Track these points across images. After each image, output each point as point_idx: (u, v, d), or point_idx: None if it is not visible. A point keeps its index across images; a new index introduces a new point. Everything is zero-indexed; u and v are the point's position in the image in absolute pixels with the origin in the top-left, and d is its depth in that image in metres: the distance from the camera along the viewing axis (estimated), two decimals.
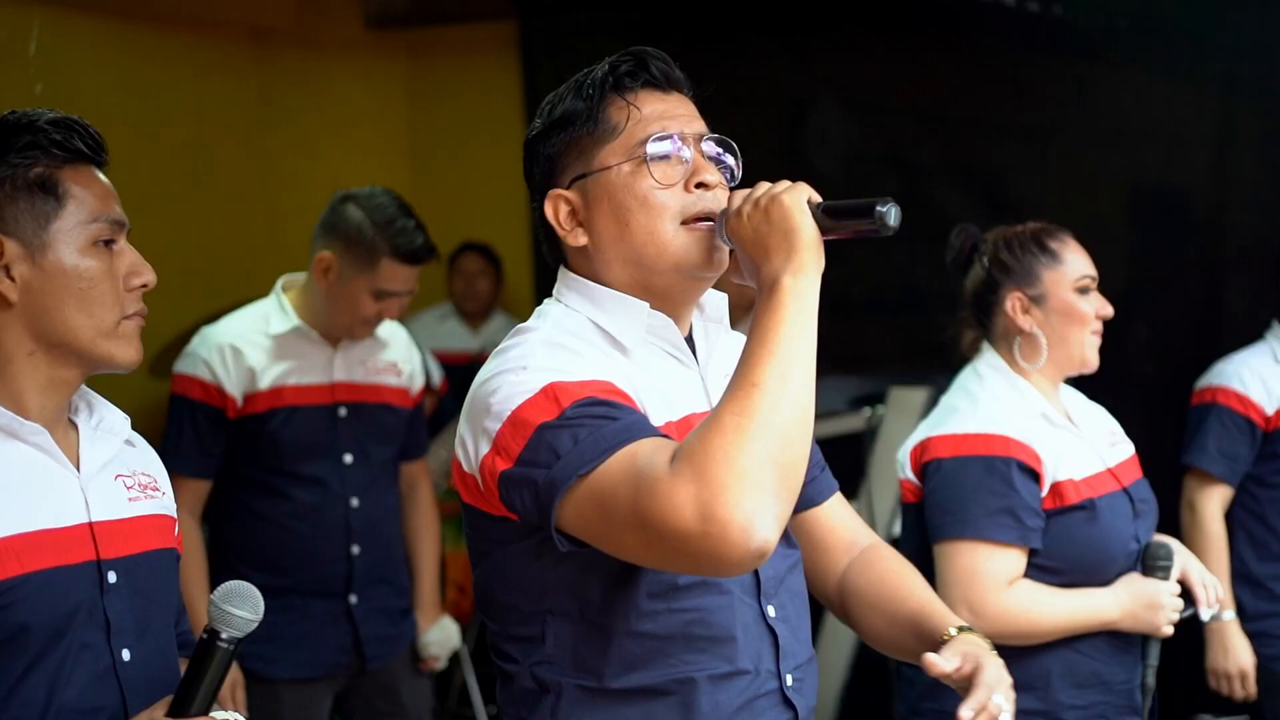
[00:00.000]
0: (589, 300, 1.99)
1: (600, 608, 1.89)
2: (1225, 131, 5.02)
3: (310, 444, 3.56)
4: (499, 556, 1.94)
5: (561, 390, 1.80)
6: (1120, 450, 2.98)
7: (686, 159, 1.96)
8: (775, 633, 1.98)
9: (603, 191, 1.96)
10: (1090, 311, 2.90)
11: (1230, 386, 3.76)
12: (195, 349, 3.56)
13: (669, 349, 2.00)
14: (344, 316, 3.54)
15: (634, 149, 1.95)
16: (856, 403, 4.66)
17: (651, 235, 1.94)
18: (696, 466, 1.65)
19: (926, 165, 5.77)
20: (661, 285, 1.97)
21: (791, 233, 1.81)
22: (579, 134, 1.98)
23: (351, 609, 3.61)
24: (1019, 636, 2.71)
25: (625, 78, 1.99)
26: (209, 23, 6.09)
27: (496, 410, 1.83)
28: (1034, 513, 2.75)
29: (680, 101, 2.02)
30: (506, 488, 1.82)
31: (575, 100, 1.99)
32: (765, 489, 1.65)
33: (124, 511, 1.99)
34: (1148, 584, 2.79)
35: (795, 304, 1.78)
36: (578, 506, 1.75)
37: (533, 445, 1.78)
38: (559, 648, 1.91)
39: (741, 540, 1.63)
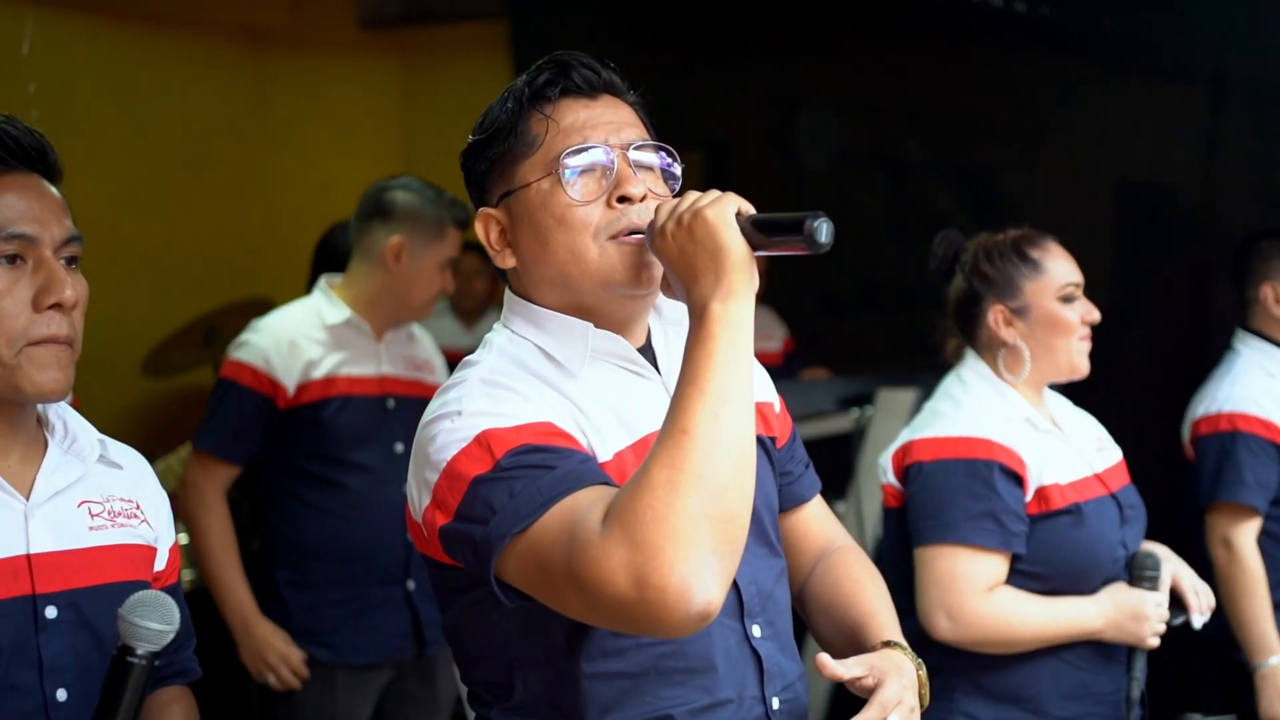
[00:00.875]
0: (533, 324, 1.84)
1: (564, 652, 1.75)
2: (1212, 131, 5.00)
3: (364, 433, 3.56)
4: (460, 605, 1.81)
5: (494, 438, 1.67)
6: (1108, 456, 2.91)
7: (611, 170, 1.79)
8: (759, 654, 1.84)
9: (524, 210, 1.81)
10: (1075, 319, 2.81)
11: (1250, 413, 3.57)
12: (253, 339, 3.55)
13: (623, 364, 1.84)
14: (420, 295, 3.57)
15: (551, 164, 1.79)
16: (845, 403, 4.61)
17: (572, 254, 1.78)
18: (626, 528, 1.52)
19: (916, 164, 5.77)
20: (591, 304, 1.81)
21: (719, 252, 1.64)
22: (502, 149, 1.83)
23: (410, 594, 3.59)
24: (997, 644, 2.65)
25: (545, 87, 1.83)
26: (204, 22, 6.07)
27: (434, 460, 1.71)
28: (1017, 517, 2.67)
29: (608, 108, 1.84)
30: (448, 543, 1.70)
31: (499, 113, 1.84)
32: (702, 547, 1.52)
33: (80, 541, 1.84)
34: (1133, 594, 2.71)
35: (726, 333, 1.61)
36: (517, 563, 1.63)
37: (468, 500, 1.65)
38: (529, 694, 1.79)
39: (680, 605, 1.51)
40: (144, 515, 1.96)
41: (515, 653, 1.78)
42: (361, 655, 3.55)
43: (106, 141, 5.69)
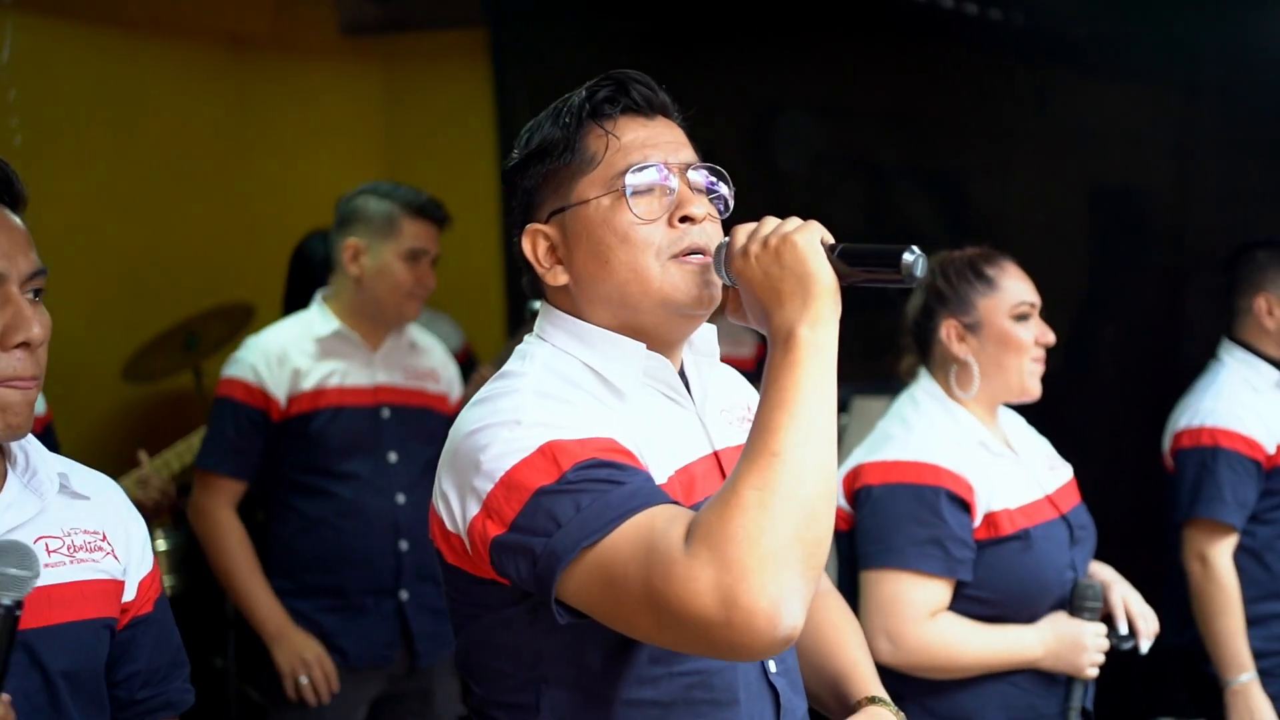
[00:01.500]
0: (580, 340, 1.80)
1: (600, 675, 1.72)
2: (1185, 137, 5.00)
3: (354, 442, 3.57)
4: (488, 621, 1.75)
5: (560, 450, 1.62)
6: (1059, 475, 2.88)
7: (671, 190, 1.78)
8: (776, 689, 1.83)
9: (581, 227, 1.78)
10: (1028, 339, 2.79)
11: (1232, 429, 3.57)
12: (242, 355, 3.59)
13: (666, 391, 1.83)
14: (389, 296, 3.57)
15: (613, 180, 1.77)
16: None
17: (635, 272, 1.75)
18: (715, 548, 1.48)
19: (891, 169, 5.76)
20: (649, 324, 1.78)
21: (807, 278, 1.62)
22: (556, 165, 1.80)
23: (402, 605, 3.59)
24: (937, 670, 2.63)
25: (604, 104, 1.81)
26: (186, 28, 6.05)
27: (488, 469, 1.64)
28: (962, 544, 2.64)
29: (665, 128, 1.84)
30: (499, 554, 1.63)
31: (553, 129, 1.81)
32: (791, 570, 1.48)
33: None
34: (1073, 625, 2.69)
35: (813, 359, 1.59)
36: (581, 580, 1.57)
37: (529, 511, 1.60)
38: (555, 717, 1.74)
39: (768, 628, 1.47)
40: (110, 547, 1.90)
41: (546, 672, 1.74)
42: (352, 657, 3.53)
43: (87, 147, 5.65)
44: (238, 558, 3.50)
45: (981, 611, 2.68)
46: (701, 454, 1.83)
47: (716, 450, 1.86)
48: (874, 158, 5.83)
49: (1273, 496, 3.58)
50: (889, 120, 5.79)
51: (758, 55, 5.84)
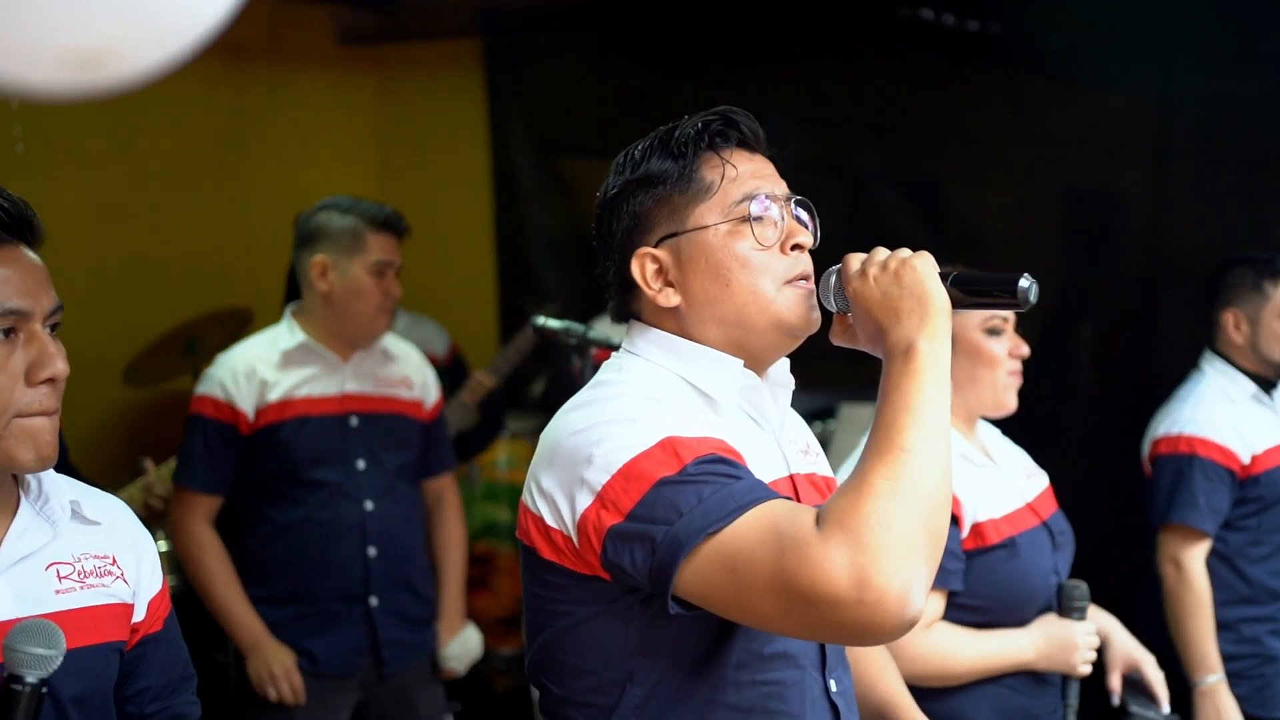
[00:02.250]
0: (676, 356, 1.84)
1: (689, 675, 1.75)
2: (1159, 144, 5.01)
3: (322, 451, 3.53)
4: (579, 617, 1.76)
5: (681, 445, 1.66)
6: (1036, 483, 2.89)
7: (779, 221, 1.84)
8: (836, 707, 1.86)
9: (698, 251, 1.82)
10: (1001, 353, 2.78)
11: (1209, 438, 3.60)
12: (211, 371, 3.56)
13: (751, 411, 1.88)
14: (359, 311, 3.53)
15: (731, 208, 1.82)
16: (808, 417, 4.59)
17: (755, 295, 1.81)
18: (850, 531, 1.52)
19: (871, 175, 5.77)
20: (758, 344, 1.84)
21: (925, 298, 1.69)
22: (670, 192, 1.84)
23: (371, 611, 3.55)
24: (936, 678, 2.64)
25: (718, 137, 1.86)
26: None
27: (602, 462, 1.67)
28: (953, 555, 2.64)
29: (765, 162, 1.90)
30: (615, 544, 1.65)
31: (664, 158, 1.85)
32: (919, 557, 1.53)
33: (44, 606, 1.79)
34: (1063, 626, 2.70)
35: (934, 369, 1.66)
36: (701, 567, 1.60)
37: (650, 500, 1.63)
38: (639, 717, 1.76)
39: (898, 609, 1.51)
40: (120, 570, 1.91)
41: (633, 671, 1.75)
42: (323, 665, 3.50)
43: (88, 154, 5.64)
44: (215, 572, 3.46)
45: (972, 619, 2.69)
46: (779, 475, 1.86)
47: (793, 474, 1.91)
48: (855, 164, 5.84)
49: (1246, 505, 3.60)
50: (869, 128, 5.80)
51: (743, 65, 5.84)
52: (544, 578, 1.78)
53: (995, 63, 5.39)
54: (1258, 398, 3.68)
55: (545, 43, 6.23)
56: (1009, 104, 5.40)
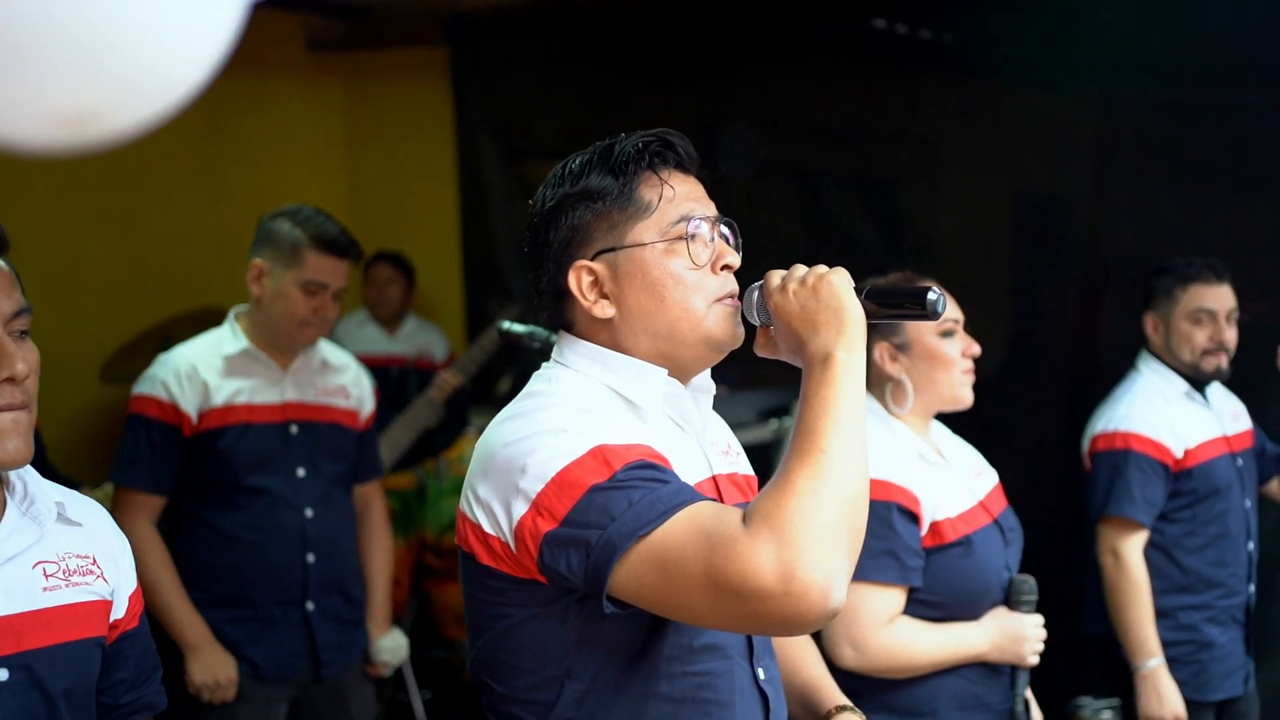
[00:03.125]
0: (604, 367, 1.87)
1: (623, 669, 1.79)
2: (1101, 149, 5.05)
3: (263, 458, 3.48)
4: (518, 618, 1.80)
5: (610, 452, 1.69)
6: (986, 480, 2.93)
7: (711, 242, 1.87)
8: (765, 694, 1.91)
9: (635, 266, 1.85)
10: (954, 353, 2.83)
11: (1143, 434, 3.66)
12: (153, 372, 3.48)
13: (676, 417, 1.92)
14: (283, 321, 3.46)
15: (668, 228, 1.85)
16: (764, 415, 4.64)
17: (687, 311, 1.84)
18: (775, 528, 1.56)
19: (826, 179, 5.79)
20: (687, 357, 1.88)
21: (841, 310, 1.74)
22: (609, 208, 1.86)
23: (308, 615, 3.53)
24: (897, 670, 2.69)
25: (656, 158, 1.88)
26: None
27: (536, 471, 1.70)
28: (914, 553, 2.69)
29: (698, 184, 1.93)
30: (551, 549, 1.68)
31: (604, 175, 1.87)
32: (840, 550, 1.58)
33: (33, 603, 1.81)
34: (1013, 619, 2.74)
35: (850, 376, 1.71)
36: (634, 568, 1.64)
37: (583, 506, 1.66)
38: (577, 711, 1.79)
39: (821, 600, 1.56)
40: (100, 570, 1.93)
41: (571, 665, 1.79)
42: (262, 669, 3.48)
43: (66, 160, 5.61)
44: (158, 572, 3.37)
45: (930, 613, 2.73)
46: (703, 476, 1.91)
47: (715, 475, 1.95)
48: (810, 168, 5.86)
49: (1180, 497, 3.67)
50: (824, 133, 5.82)
51: (702, 73, 5.86)
52: (483, 582, 1.81)
53: (947, 71, 5.42)
54: (1190, 395, 3.75)
55: (510, 51, 6.23)
56: (960, 111, 5.43)
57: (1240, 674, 3.73)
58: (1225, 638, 3.69)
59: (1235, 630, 3.72)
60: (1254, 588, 3.77)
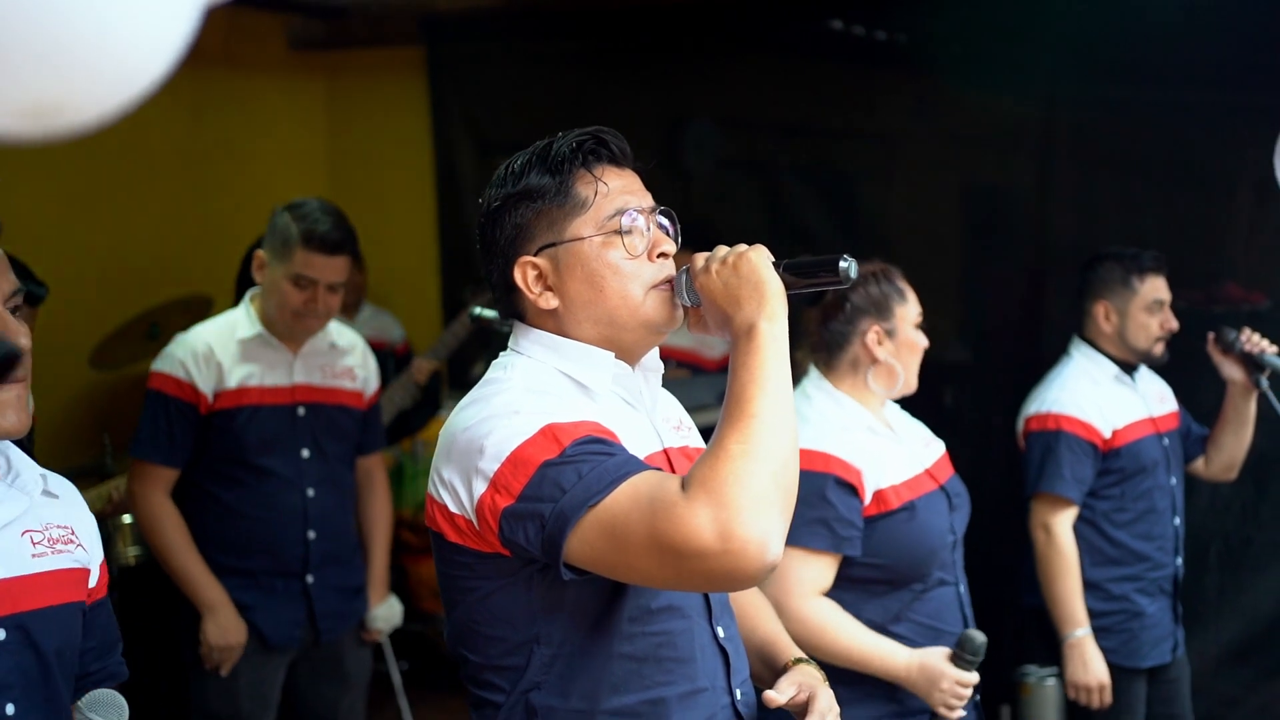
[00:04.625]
0: (555, 352, 1.91)
1: (588, 632, 1.83)
2: (1046, 145, 5.06)
3: (271, 439, 3.50)
4: (486, 590, 1.84)
5: (559, 430, 1.74)
6: (934, 450, 2.94)
7: (646, 231, 1.90)
8: (726, 651, 1.95)
9: (575, 260, 1.88)
10: (924, 344, 2.87)
11: (1073, 415, 3.67)
12: (173, 351, 3.50)
13: (626, 395, 1.95)
14: (277, 312, 3.48)
15: (604, 222, 1.89)
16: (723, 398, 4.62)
17: (625, 299, 1.88)
18: (711, 491, 1.60)
19: (786, 173, 5.79)
20: (629, 341, 1.91)
21: (761, 284, 1.78)
22: (548, 205, 1.90)
23: (308, 588, 3.55)
24: (809, 644, 2.61)
25: (589, 155, 1.91)
26: None
27: (493, 451, 1.75)
28: (849, 524, 2.68)
29: (634, 177, 1.96)
30: (509, 523, 1.73)
31: (543, 174, 1.90)
32: (774, 509, 1.62)
33: (25, 568, 1.83)
34: (939, 664, 2.66)
35: (773, 345, 1.75)
36: (586, 535, 1.68)
37: (536, 482, 1.71)
38: (547, 675, 1.84)
39: (758, 556, 1.60)
40: (78, 539, 1.95)
41: (537, 631, 1.83)
42: (259, 639, 3.50)
43: (55, 152, 5.54)
44: (174, 537, 3.42)
45: (876, 575, 2.72)
46: (654, 450, 1.94)
47: (666, 448, 1.98)
48: (771, 163, 5.86)
49: (1109, 475, 3.68)
50: (785, 129, 5.82)
51: (668, 72, 5.86)
52: (452, 559, 1.85)
53: (900, 70, 5.43)
54: (1119, 379, 3.76)
55: (483, 50, 6.22)
56: (913, 108, 5.44)
57: (1169, 642, 3.75)
58: (1154, 607, 3.71)
59: (1164, 600, 3.74)
60: (1181, 561, 3.79)
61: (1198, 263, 4.47)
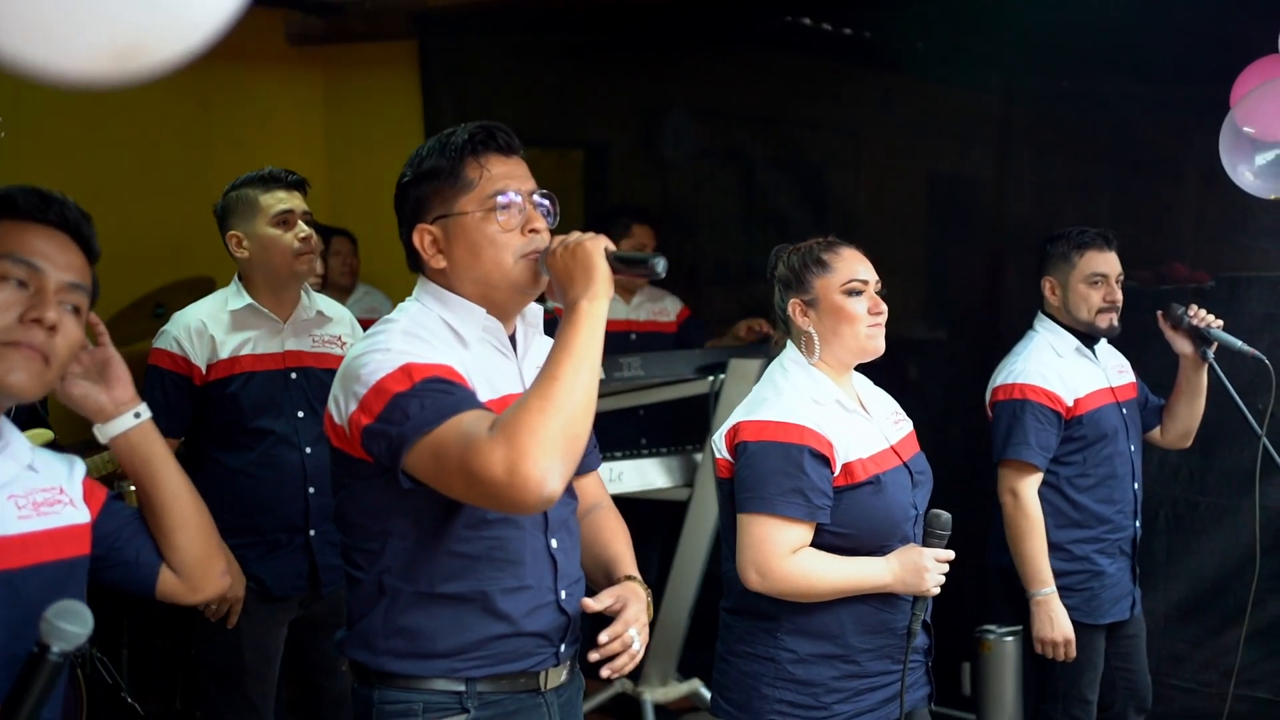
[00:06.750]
0: (441, 304, 2.17)
1: (428, 532, 2.08)
2: (1004, 135, 5.06)
3: (266, 402, 3.51)
4: (356, 488, 2.11)
5: (414, 368, 1.99)
6: (901, 428, 2.90)
7: (524, 209, 2.16)
8: (555, 560, 2.19)
9: (460, 230, 2.15)
10: (859, 310, 2.79)
11: (1037, 384, 3.66)
12: (168, 328, 3.53)
13: (497, 345, 2.20)
14: (279, 262, 3.48)
15: (485, 201, 2.15)
16: (702, 370, 4.62)
17: (497, 265, 2.14)
18: (508, 434, 1.85)
19: (759, 160, 5.79)
20: (500, 299, 2.17)
21: (590, 269, 2.02)
22: (442, 185, 2.16)
23: (310, 541, 3.54)
24: (798, 595, 2.68)
25: (479, 145, 2.17)
26: None
27: (364, 379, 2.01)
28: (821, 493, 2.67)
29: (519, 164, 2.21)
30: (367, 438, 2.00)
31: (440, 159, 2.17)
32: (556, 454, 1.85)
33: (11, 528, 1.84)
34: (915, 553, 2.69)
35: (589, 322, 1.99)
36: (419, 457, 1.94)
37: (389, 408, 1.97)
38: (395, 561, 2.10)
39: (536, 489, 1.84)
40: (69, 498, 1.96)
41: (390, 526, 2.10)
42: (270, 588, 3.51)
43: (65, 142, 5.54)
44: (187, 501, 3.41)
45: (840, 544, 2.70)
46: (515, 391, 2.17)
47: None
48: (745, 152, 5.86)
49: (1071, 443, 3.68)
50: (759, 120, 5.81)
51: (648, 65, 5.84)
52: (335, 459, 2.14)
53: (866, 63, 5.42)
54: (1080, 351, 3.76)
55: (474, 45, 6.19)
56: (879, 99, 5.44)
57: (1127, 600, 3.76)
58: (1114, 567, 3.72)
59: (1123, 561, 3.75)
60: (1139, 523, 3.80)
61: (1147, 244, 4.47)
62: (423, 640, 2.11)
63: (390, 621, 2.12)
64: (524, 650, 2.16)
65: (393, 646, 2.12)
